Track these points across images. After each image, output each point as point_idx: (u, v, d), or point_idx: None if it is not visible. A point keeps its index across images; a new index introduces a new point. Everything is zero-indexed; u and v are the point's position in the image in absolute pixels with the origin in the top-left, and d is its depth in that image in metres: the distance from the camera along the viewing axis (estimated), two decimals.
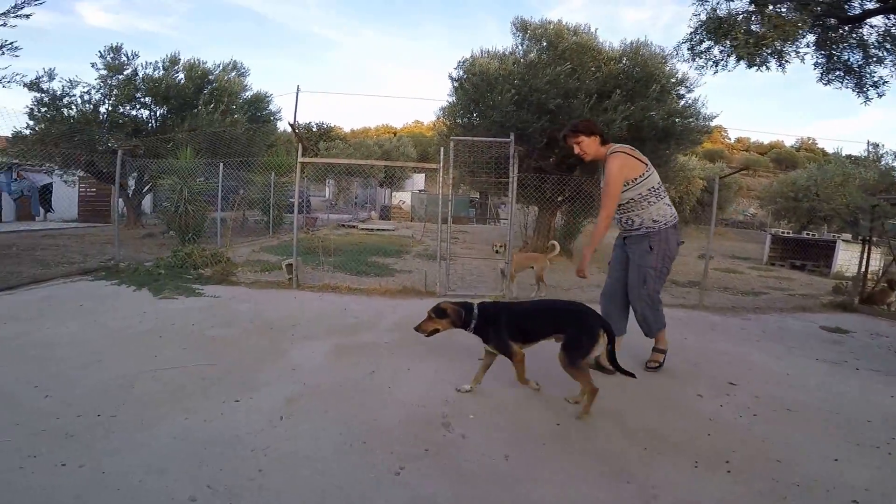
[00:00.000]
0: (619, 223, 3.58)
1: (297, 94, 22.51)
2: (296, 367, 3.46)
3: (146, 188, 14.68)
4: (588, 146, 3.41)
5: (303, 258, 7.21)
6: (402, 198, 23.76)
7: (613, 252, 3.76)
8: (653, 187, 3.37)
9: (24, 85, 11.34)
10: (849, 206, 16.17)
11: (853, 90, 6.20)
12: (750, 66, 5.91)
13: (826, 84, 6.39)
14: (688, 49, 6.46)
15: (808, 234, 16.41)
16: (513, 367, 3.05)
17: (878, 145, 16.93)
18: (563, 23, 9.74)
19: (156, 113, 14.00)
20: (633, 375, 3.08)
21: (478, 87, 9.55)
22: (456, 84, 10.21)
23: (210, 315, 4.71)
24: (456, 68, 10.15)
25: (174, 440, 2.40)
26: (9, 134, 12.18)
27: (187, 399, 2.87)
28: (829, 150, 38.92)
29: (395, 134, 49.96)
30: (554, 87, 8.74)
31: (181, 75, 13.85)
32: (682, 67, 10.17)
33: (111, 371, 3.21)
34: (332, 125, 42.49)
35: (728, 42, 5.82)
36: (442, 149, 6.05)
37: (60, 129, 11.96)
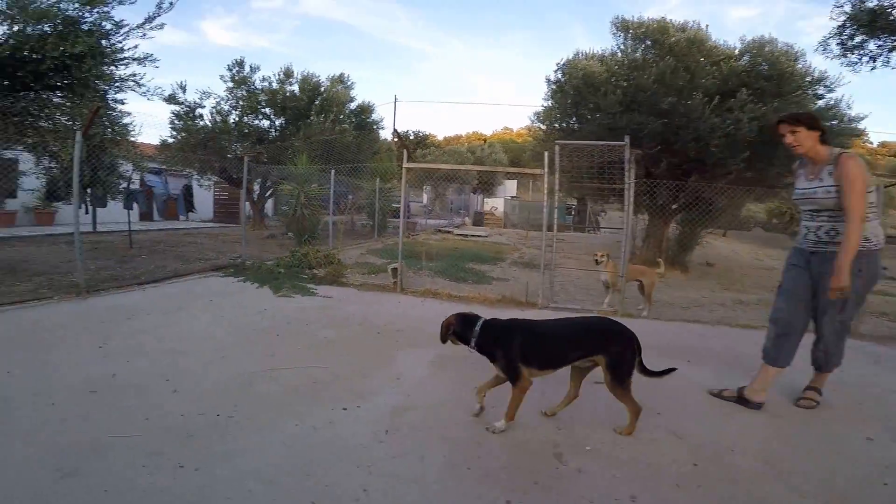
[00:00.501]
0: (812, 231, 2.99)
1: (395, 103, 23.27)
2: (400, 376, 3.36)
3: (269, 192, 15.92)
4: (804, 139, 2.94)
5: (405, 262, 7.28)
6: (495, 204, 23.54)
7: (790, 271, 3.11)
8: (871, 202, 2.84)
9: (164, 99, 12.86)
10: None
11: None
12: None
13: None
14: (837, 44, 5.54)
15: None
16: (511, 393, 2.65)
17: None
18: (668, 19, 8.94)
19: (275, 123, 15.16)
20: (673, 369, 2.81)
21: (579, 89, 9.05)
22: (554, 87, 9.77)
23: (322, 315, 4.83)
24: (555, 71, 9.69)
25: (284, 447, 2.37)
26: (156, 142, 13.91)
27: (299, 403, 2.86)
28: None
29: (485, 141, 49.86)
30: (662, 85, 8.01)
31: (295, 87, 14.88)
32: (820, 65, 8.89)
33: (233, 368, 3.33)
34: (428, 133, 43.47)
35: (886, 36, 4.88)
36: (546, 154, 5.71)
37: (197, 138, 13.37)
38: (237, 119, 14.24)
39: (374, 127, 18.04)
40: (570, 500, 2.08)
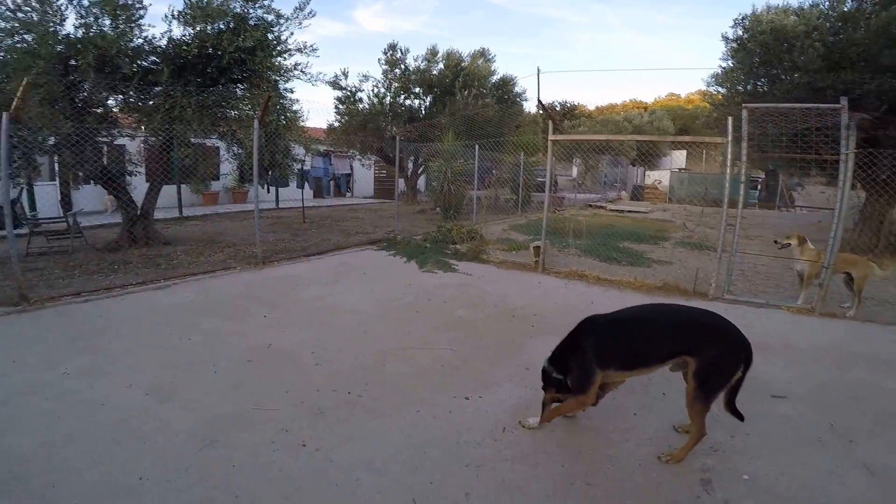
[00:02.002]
0: None
1: (539, 74, 21.98)
2: (530, 366, 3.06)
3: (421, 169, 16.56)
4: None
5: (550, 239, 6.80)
6: (659, 177, 21.10)
7: None
8: None
9: (328, 83, 13.94)
10: None
11: None
12: None
13: None
14: None
15: None
16: (569, 404, 2.19)
17: None
18: None
19: (424, 101, 15.57)
20: (741, 418, 2.12)
21: (767, 45, 7.35)
22: (735, 45, 8.12)
23: (460, 293, 4.72)
24: (732, 27, 8.06)
25: (402, 435, 2.29)
26: (323, 126, 15.30)
27: (424, 387, 2.77)
28: None
29: (645, 109, 45.00)
30: (885, 37, 6.03)
31: (441, 65, 15.01)
32: None
33: (372, 344, 3.38)
34: (576, 103, 41.01)
35: None
36: (730, 119, 4.66)
37: (357, 121, 14.36)
38: (391, 100, 14.94)
39: (517, 99, 17.57)
40: None
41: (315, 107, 23.08)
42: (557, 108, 38.50)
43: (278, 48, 6.51)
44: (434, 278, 5.33)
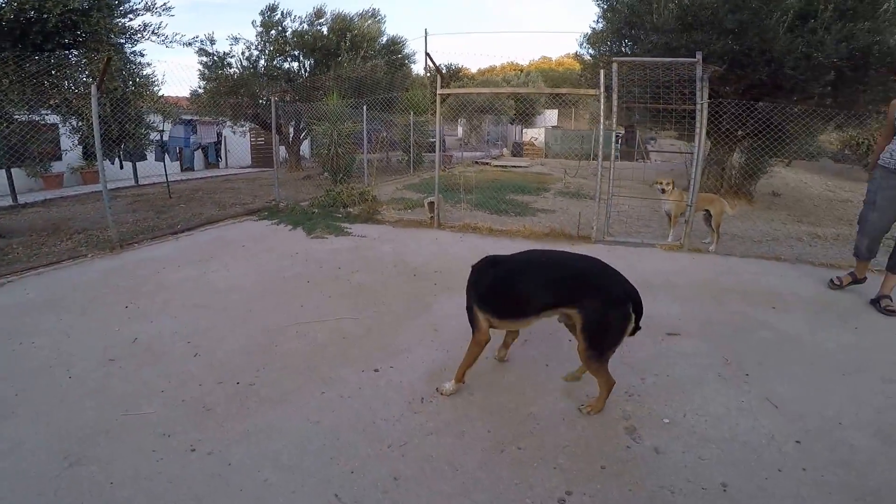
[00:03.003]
0: None
1: (426, 36, 21.55)
2: (437, 327, 2.93)
3: (304, 134, 15.44)
4: None
5: (442, 195, 6.70)
6: (535, 134, 22.05)
7: (881, 193, 3.47)
8: None
9: (185, 45, 12.25)
10: None
11: None
12: None
13: None
14: None
15: None
16: (469, 349, 2.14)
17: None
18: None
19: (304, 64, 14.42)
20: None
21: (633, 7, 7.78)
22: (605, 6, 8.49)
23: (355, 257, 4.42)
24: None
25: (308, 423, 2.02)
26: (187, 94, 13.52)
27: (326, 364, 2.49)
28: None
29: (521, 70, 46.68)
30: (731, 2, 6.69)
31: (325, 28, 13.95)
32: None
33: (259, 324, 2.99)
34: (461, 66, 41.35)
35: None
36: (602, 73, 4.81)
37: (226, 86, 12.87)
38: (266, 63, 13.57)
39: (406, 62, 17.17)
40: (647, 490, 1.65)
41: (177, 71, 20.10)
42: (444, 71, 38.53)
43: (121, 8, 5.41)
44: (325, 244, 4.94)
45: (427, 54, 5.65)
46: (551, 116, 31.95)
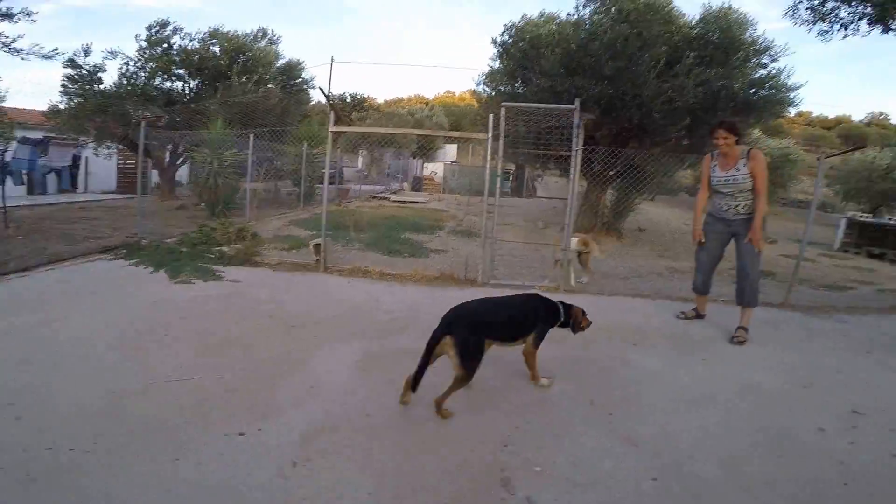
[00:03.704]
0: (733, 209, 3.99)
1: (332, 64, 21.60)
2: (315, 384, 2.84)
3: (181, 160, 14.37)
4: (731, 143, 3.86)
5: (333, 234, 6.61)
6: (434, 169, 22.86)
7: (710, 234, 4.16)
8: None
9: (45, 57, 11.03)
10: None
11: None
12: (886, 30, 4.76)
13: None
14: (807, 9, 5.26)
15: (890, 220, 14.51)
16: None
17: None
18: None
19: (190, 85, 13.60)
20: None
21: (526, 52, 8.59)
22: (500, 49, 9.27)
23: (226, 305, 4.15)
24: (502, 33, 9.20)
25: (157, 494, 1.83)
26: (45, 108, 12.03)
27: (182, 429, 2.28)
28: None
29: (426, 104, 48.60)
30: (612, 50, 7.68)
31: (217, 47, 13.35)
32: (769, 34, 8.87)
33: (102, 384, 2.66)
34: (366, 95, 41.81)
35: (857, 1, 4.65)
36: (491, 116, 5.21)
37: (92, 104, 11.67)
38: (145, 82, 12.54)
39: (304, 87, 16.85)
40: None
41: (23, 86, 17.74)
42: (348, 100, 38.70)
43: None
44: (190, 290, 4.56)
45: (322, 90, 5.69)
46: (451, 151, 33.32)
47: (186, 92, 13.60)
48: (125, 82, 12.18)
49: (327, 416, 2.48)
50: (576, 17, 8.78)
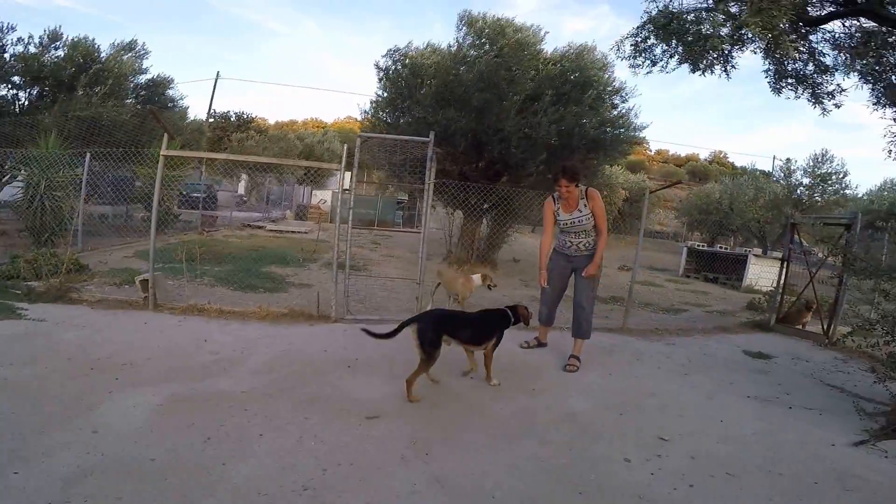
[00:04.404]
0: (576, 246, 4.27)
1: (216, 80, 20.58)
2: (101, 428, 2.56)
3: (6, 178, 12.52)
4: (573, 189, 4.09)
5: (183, 268, 6.08)
6: (324, 197, 22.36)
7: (554, 270, 4.41)
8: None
9: None
10: (758, 221, 17.10)
11: (809, 100, 5.84)
12: (694, 69, 5.56)
13: (777, 93, 5.95)
14: (631, 45, 5.91)
15: (721, 248, 17.04)
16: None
17: (790, 160, 17.53)
18: (511, 20, 9.09)
19: (27, 93, 12.05)
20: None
21: (407, 80, 8.81)
22: (382, 75, 9.38)
23: (18, 346, 3.62)
24: (384, 56, 9.29)
25: None
26: None
27: None
28: (738, 164, 41.83)
29: (323, 129, 48.05)
30: (482, 80, 8.15)
31: (61, 53, 12.01)
32: (621, 75, 10.01)
33: None
34: (254, 116, 40.25)
35: (674, 41, 5.38)
36: (345, 146, 5.23)
37: None
38: None
39: (170, 105, 15.87)
40: None
41: None
42: (232, 119, 37.12)
43: None
44: None
45: (150, 108, 5.30)
46: (346, 178, 32.88)
47: (26, 100, 12.04)
48: None
49: (103, 460, 2.26)
50: (455, 48, 9.24)
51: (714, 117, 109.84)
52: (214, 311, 4.93)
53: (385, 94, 9.62)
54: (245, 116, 40.43)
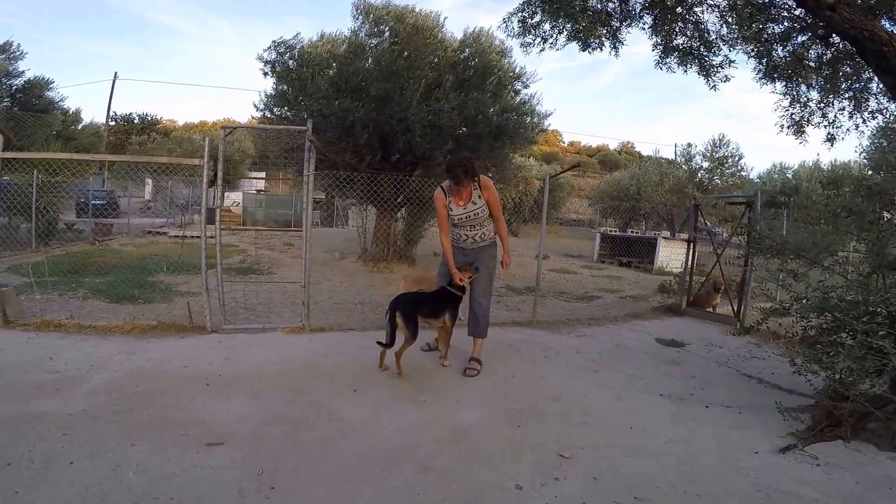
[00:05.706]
0: (472, 238, 4.03)
1: (114, 80, 18.78)
2: None
3: None
4: (469, 183, 3.85)
5: (59, 280, 5.37)
6: (235, 199, 21.09)
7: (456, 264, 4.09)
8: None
9: None
10: (665, 205, 18.12)
11: (699, 74, 5.67)
12: (584, 48, 5.45)
13: (664, 68, 5.77)
14: (519, 22, 5.69)
15: (632, 232, 17.85)
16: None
17: (690, 145, 18.96)
18: (409, 7, 8.73)
19: None
20: None
21: (297, 72, 8.32)
22: (269, 68, 8.75)
23: None
24: (267, 50, 8.62)
25: None
26: None
27: None
28: (645, 153, 44.45)
29: (234, 128, 45.66)
30: (379, 69, 7.85)
31: None
32: (522, 61, 9.96)
33: None
34: (160, 118, 37.68)
35: (562, 18, 5.22)
36: (207, 140, 4.76)
37: None
38: None
39: (52, 107, 14.71)
40: None
41: None
42: (136, 121, 34.63)
43: None
44: None
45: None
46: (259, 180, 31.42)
47: None
48: None
49: None
50: (351, 37, 8.82)
51: (622, 109, 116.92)
52: (73, 325, 4.33)
53: (275, 90, 9.00)
54: (149, 118, 37.67)
